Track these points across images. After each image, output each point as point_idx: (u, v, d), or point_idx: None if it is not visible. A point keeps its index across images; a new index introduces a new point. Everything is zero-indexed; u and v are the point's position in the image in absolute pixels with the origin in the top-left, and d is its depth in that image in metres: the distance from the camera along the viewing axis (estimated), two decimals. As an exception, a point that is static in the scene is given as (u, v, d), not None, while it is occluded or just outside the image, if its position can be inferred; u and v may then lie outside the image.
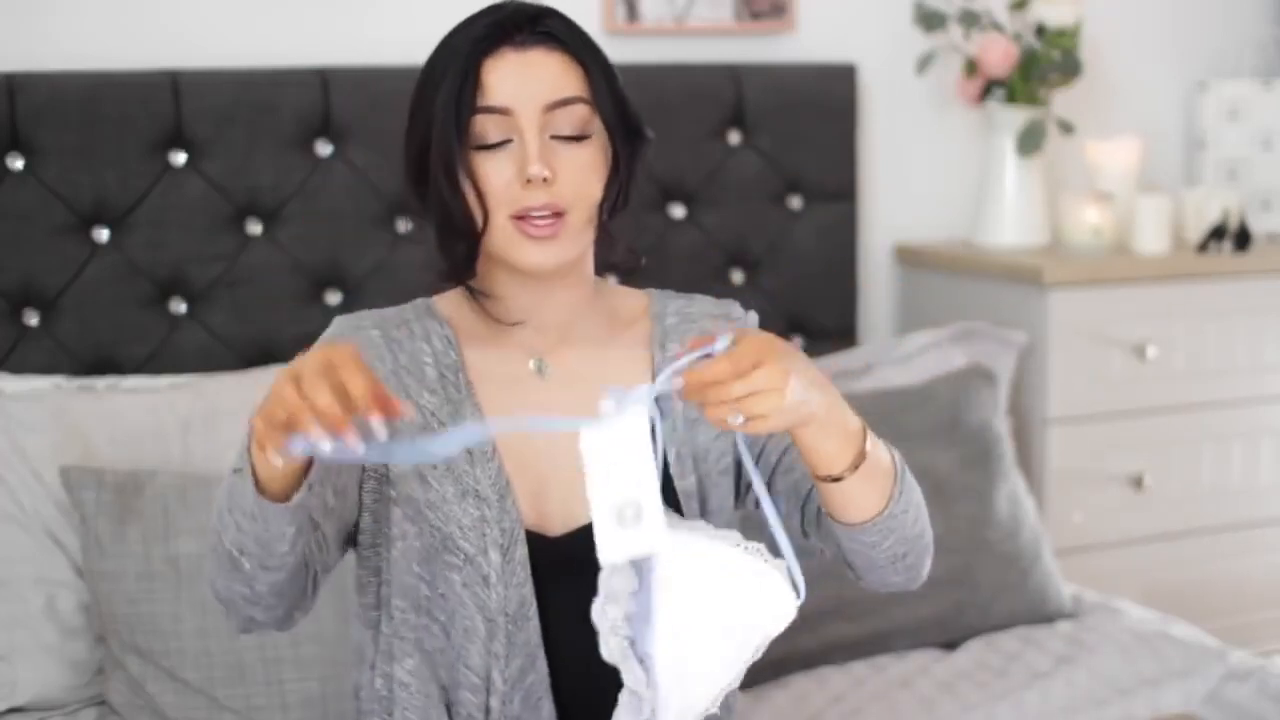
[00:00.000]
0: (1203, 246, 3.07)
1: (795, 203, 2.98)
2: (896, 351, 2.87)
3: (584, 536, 1.55)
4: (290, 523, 1.48)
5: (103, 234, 2.50)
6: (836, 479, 1.52)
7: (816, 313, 3.01)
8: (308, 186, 2.61)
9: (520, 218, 1.58)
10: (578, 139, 1.61)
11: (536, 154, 1.57)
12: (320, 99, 2.60)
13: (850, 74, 3.00)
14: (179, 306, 2.56)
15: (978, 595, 2.59)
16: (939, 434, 2.68)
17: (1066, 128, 3.02)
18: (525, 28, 1.60)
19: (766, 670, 2.38)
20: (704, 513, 1.68)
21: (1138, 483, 2.99)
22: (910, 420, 2.68)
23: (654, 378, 1.62)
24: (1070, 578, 2.86)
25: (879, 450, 1.55)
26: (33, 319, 2.48)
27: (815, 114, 2.96)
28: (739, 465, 1.70)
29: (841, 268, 3.03)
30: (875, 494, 1.55)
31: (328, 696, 2.20)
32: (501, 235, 1.59)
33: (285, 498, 1.46)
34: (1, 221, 2.44)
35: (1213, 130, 3.36)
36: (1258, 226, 3.29)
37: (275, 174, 2.59)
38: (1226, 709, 2.33)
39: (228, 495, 1.50)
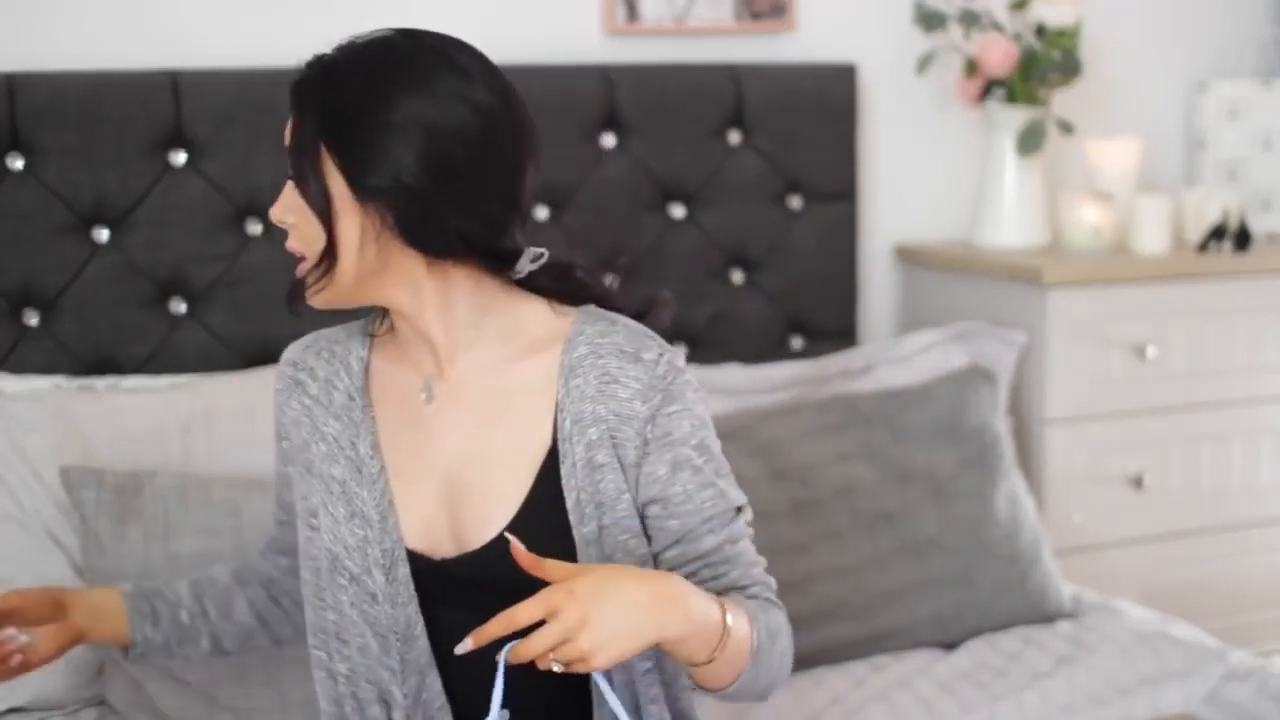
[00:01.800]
0: (1203, 246, 3.07)
1: (795, 203, 2.98)
2: (896, 351, 2.87)
3: (467, 561, 1.63)
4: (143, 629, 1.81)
5: (103, 234, 2.50)
6: (700, 664, 1.55)
7: (816, 313, 3.01)
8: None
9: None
10: (291, 181, 1.63)
11: (278, 200, 1.65)
12: (320, 99, 2.60)
13: (850, 74, 3.00)
14: (179, 306, 2.56)
15: (978, 595, 2.59)
16: (939, 434, 2.68)
17: (1066, 128, 3.02)
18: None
19: (766, 670, 2.38)
20: (608, 563, 1.63)
21: (1138, 483, 2.99)
22: (910, 420, 2.68)
23: (556, 409, 1.64)
24: (1070, 578, 2.86)
25: (740, 629, 1.55)
26: (33, 319, 2.48)
27: (815, 114, 2.96)
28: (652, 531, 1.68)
29: (841, 268, 3.03)
30: (736, 667, 1.57)
31: (327, 696, 2.20)
32: None
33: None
34: (1, 221, 2.44)
35: (1213, 130, 3.36)
36: (1258, 226, 3.29)
37: (275, 174, 2.56)
38: (1226, 709, 2.33)
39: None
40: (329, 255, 1.59)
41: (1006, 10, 3.07)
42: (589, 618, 1.43)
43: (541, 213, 2.78)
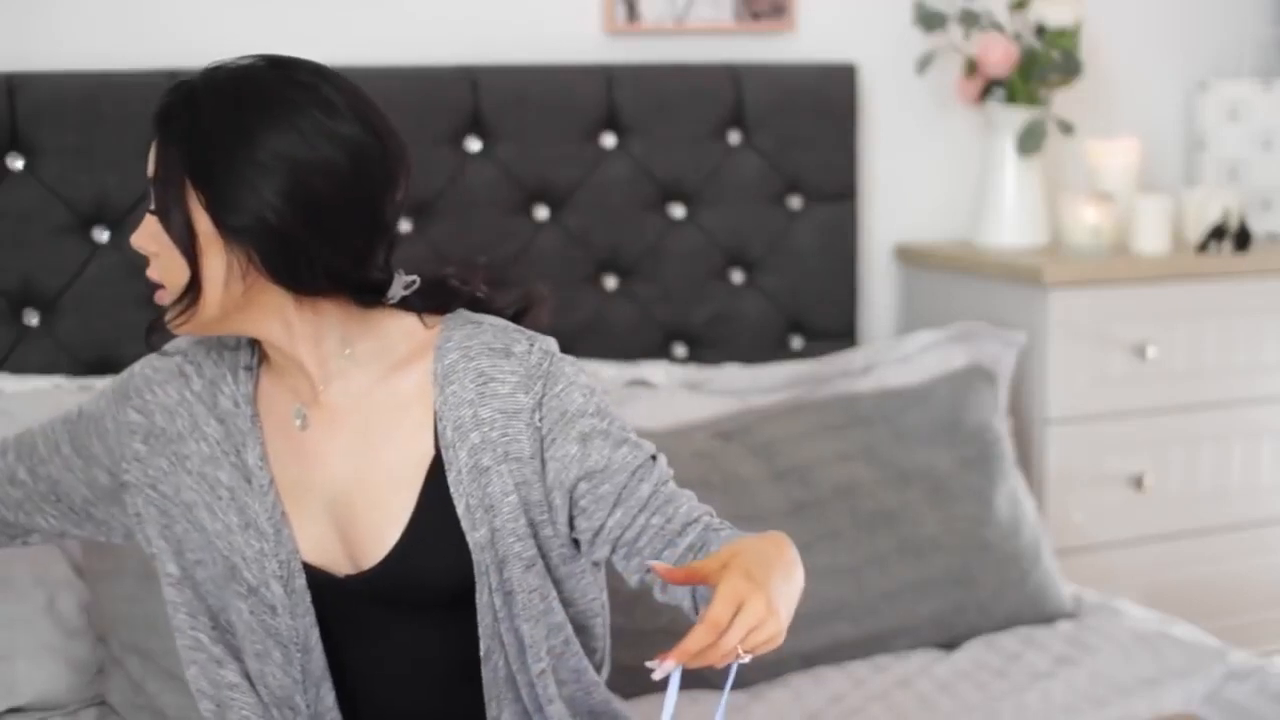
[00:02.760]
0: (1203, 246, 3.07)
1: (795, 203, 2.98)
2: (896, 351, 2.87)
3: (365, 580, 1.64)
4: None
5: (103, 234, 2.50)
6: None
7: (816, 313, 3.01)
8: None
9: None
10: (154, 213, 1.59)
11: (137, 230, 1.61)
12: (320, 99, 2.60)
13: (850, 74, 3.00)
14: (179, 306, 2.56)
15: (978, 595, 2.59)
16: (939, 434, 2.68)
17: (1066, 128, 3.02)
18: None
19: (766, 670, 2.38)
20: (501, 566, 1.64)
21: (1138, 483, 2.99)
22: (910, 420, 2.68)
23: (435, 418, 1.64)
24: (1070, 578, 2.86)
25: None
26: (33, 319, 2.48)
27: (815, 114, 2.96)
28: (570, 519, 1.68)
29: (841, 268, 3.03)
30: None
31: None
32: None
33: None
34: (1, 221, 2.44)
35: (1213, 130, 3.36)
36: (1258, 226, 3.29)
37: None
38: (1226, 709, 2.33)
39: None
40: (192, 290, 1.57)
41: (1006, 10, 3.07)
42: (773, 601, 1.40)
43: (541, 213, 2.78)
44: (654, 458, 1.68)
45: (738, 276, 2.95)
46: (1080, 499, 2.96)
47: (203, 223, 1.55)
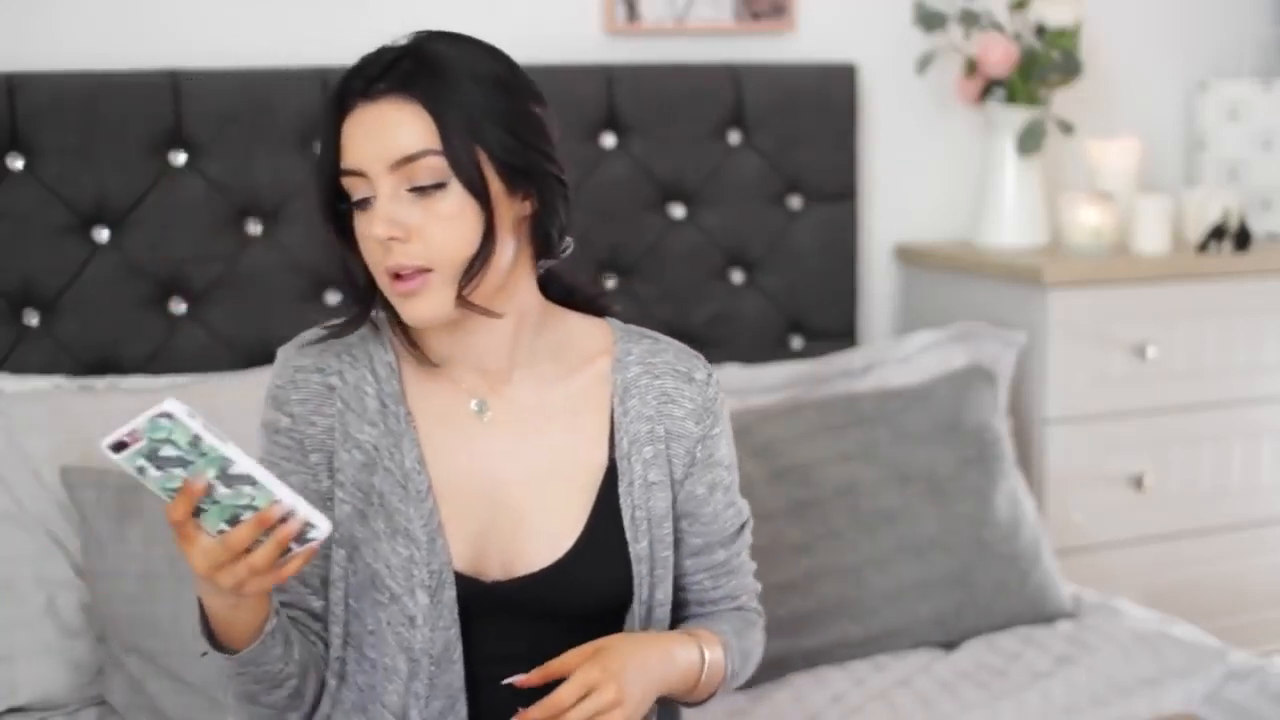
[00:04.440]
0: (1203, 246, 3.07)
1: (795, 203, 2.98)
2: (896, 351, 2.87)
3: (521, 586, 1.61)
4: (270, 649, 1.52)
5: (103, 234, 2.50)
6: (679, 695, 1.67)
7: (816, 313, 3.01)
8: (308, 186, 2.60)
9: (393, 274, 1.54)
10: (435, 189, 1.52)
11: (382, 214, 1.51)
12: (320, 99, 2.60)
13: (850, 74, 3.00)
14: (179, 306, 2.56)
15: (978, 595, 2.59)
16: (939, 434, 2.68)
17: (1066, 128, 3.02)
18: (379, 77, 1.54)
19: (767, 669, 2.38)
20: (653, 580, 1.66)
21: (1138, 483, 2.99)
22: (910, 420, 2.68)
23: (612, 427, 1.65)
24: (1070, 578, 2.86)
25: (715, 664, 1.67)
26: (33, 319, 2.48)
27: (815, 114, 2.96)
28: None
29: (841, 268, 3.03)
30: (710, 691, 1.70)
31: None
32: (388, 293, 1.56)
33: (253, 630, 1.50)
34: (1, 221, 2.44)
35: (1213, 130, 3.36)
36: (1258, 226, 3.29)
37: (275, 174, 2.59)
38: (1226, 709, 2.33)
39: (214, 670, 1.54)
40: (485, 250, 1.53)
41: (1006, 10, 3.07)
42: (623, 692, 1.53)
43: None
44: (743, 527, 1.75)
45: (738, 276, 2.95)
46: (1080, 499, 2.96)
47: (494, 182, 1.54)
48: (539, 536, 1.63)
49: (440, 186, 1.52)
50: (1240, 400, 3.08)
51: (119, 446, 1.34)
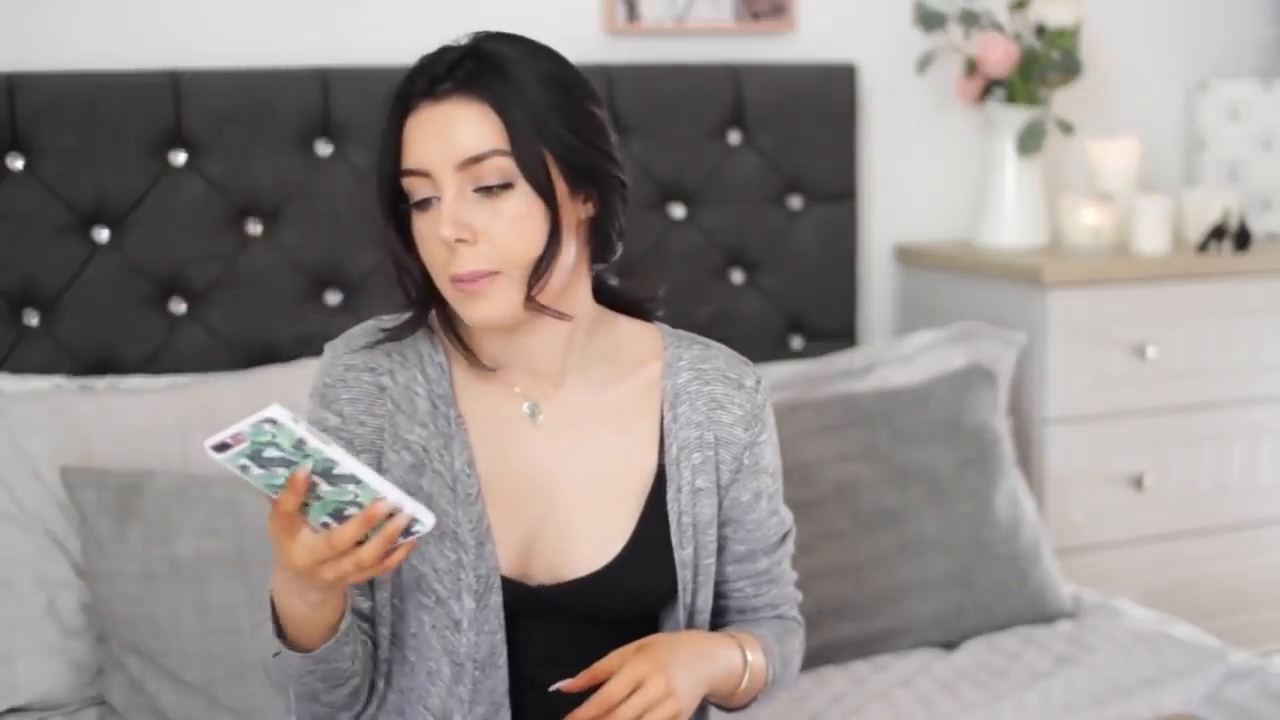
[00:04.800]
0: (1203, 246, 3.07)
1: (795, 203, 2.98)
2: (896, 351, 2.87)
3: (567, 590, 1.60)
4: (344, 646, 1.52)
5: (103, 234, 2.50)
6: (723, 698, 1.67)
7: (816, 313, 3.01)
8: (308, 186, 2.61)
9: (457, 276, 1.52)
10: (501, 189, 1.51)
11: (449, 215, 1.49)
12: (320, 99, 2.60)
13: (850, 74, 3.00)
14: (179, 306, 2.56)
15: (978, 595, 2.59)
16: (939, 434, 2.68)
17: (1066, 128, 3.02)
18: (444, 77, 1.52)
19: (766, 670, 2.38)
20: (695, 585, 1.67)
21: (1138, 483, 2.99)
22: (910, 420, 2.68)
23: (662, 433, 1.65)
24: (1070, 578, 2.86)
25: (758, 668, 1.67)
26: (33, 319, 2.48)
27: (815, 114, 2.96)
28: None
29: (841, 268, 3.03)
30: (751, 696, 1.70)
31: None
32: (449, 295, 1.55)
33: (330, 628, 1.49)
34: (1, 221, 2.44)
35: (1213, 130, 3.36)
36: (1258, 226, 3.29)
37: (275, 174, 2.59)
38: (1226, 709, 2.33)
39: (279, 672, 1.53)
40: (551, 250, 1.52)
41: (1006, 10, 3.07)
42: (672, 683, 1.52)
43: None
44: (786, 535, 1.75)
45: (738, 276, 2.95)
46: (1080, 499, 2.96)
47: (559, 183, 1.53)
48: (587, 541, 1.62)
49: (507, 187, 1.51)
50: (1240, 400, 3.08)
51: (221, 447, 1.35)
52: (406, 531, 1.39)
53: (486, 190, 1.51)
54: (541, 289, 1.53)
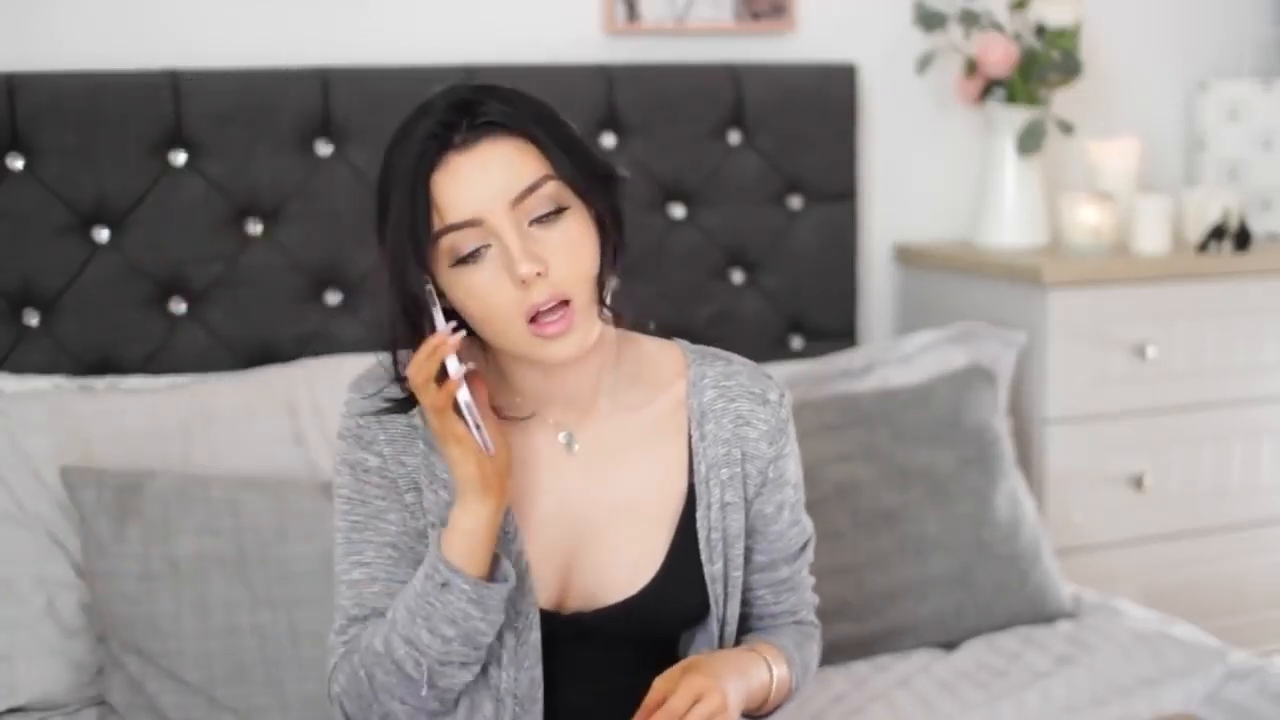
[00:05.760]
0: (1203, 246, 3.07)
1: (795, 203, 2.98)
2: (896, 351, 2.87)
3: (605, 617, 1.60)
4: (504, 599, 1.53)
5: (103, 234, 2.50)
6: (752, 710, 1.69)
7: (816, 313, 3.01)
8: (308, 186, 2.61)
9: (533, 319, 1.49)
10: (556, 215, 1.51)
11: (520, 252, 1.47)
12: (320, 99, 2.60)
13: (850, 74, 3.00)
14: (179, 306, 2.56)
15: (978, 595, 2.59)
16: (939, 434, 2.68)
17: (1066, 128, 3.02)
18: (462, 124, 1.49)
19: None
20: (726, 598, 1.68)
21: (1138, 483, 2.99)
22: (910, 420, 2.68)
23: (690, 453, 1.65)
24: (1070, 578, 2.86)
25: (782, 679, 1.70)
26: (33, 319, 2.48)
27: (815, 114, 2.96)
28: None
29: (841, 268, 3.03)
30: (777, 704, 1.72)
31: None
32: (523, 341, 1.51)
33: (485, 573, 1.52)
34: (1, 221, 2.44)
35: (1213, 130, 3.36)
36: (1258, 226, 3.29)
37: (275, 174, 2.59)
38: (1226, 709, 2.33)
39: (424, 621, 1.51)
40: (606, 257, 1.55)
41: (1006, 10, 3.07)
42: (727, 698, 1.54)
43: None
44: (806, 544, 1.77)
45: (738, 276, 2.95)
46: (1080, 499, 2.96)
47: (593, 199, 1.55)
48: (622, 567, 1.63)
49: (560, 211, 1.51)
50: (1240, 400, 3.08)
51: None
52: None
53: (540, 221, 1.50)
54: (605, 302, 1.57)
